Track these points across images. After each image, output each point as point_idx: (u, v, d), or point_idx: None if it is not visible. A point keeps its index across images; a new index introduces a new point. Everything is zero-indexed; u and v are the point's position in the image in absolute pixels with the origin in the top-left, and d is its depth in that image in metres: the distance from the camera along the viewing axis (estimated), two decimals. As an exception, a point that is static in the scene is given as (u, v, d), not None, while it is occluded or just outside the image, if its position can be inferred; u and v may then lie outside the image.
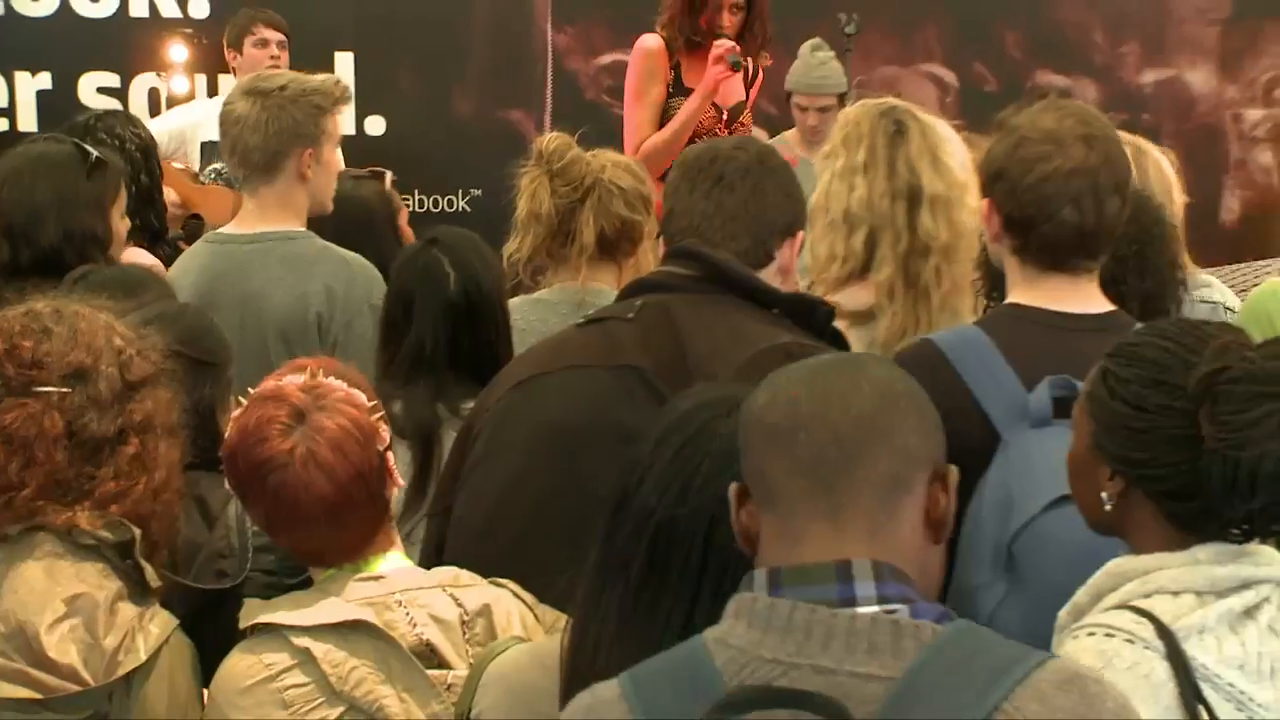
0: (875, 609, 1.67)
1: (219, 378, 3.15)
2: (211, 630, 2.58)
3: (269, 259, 3.98)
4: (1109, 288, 3.02)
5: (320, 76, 4.17)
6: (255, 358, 3.62)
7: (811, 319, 2.77)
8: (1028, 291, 2.89)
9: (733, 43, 5.58)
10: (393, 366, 3.45)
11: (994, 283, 3.13)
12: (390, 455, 2.59)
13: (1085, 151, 2.82)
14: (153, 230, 4.69)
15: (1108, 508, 2.23)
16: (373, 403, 2.59)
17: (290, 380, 2.56)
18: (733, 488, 1.80)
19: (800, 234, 2.91)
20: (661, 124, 5.66)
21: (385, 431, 2.58)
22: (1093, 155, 2.82)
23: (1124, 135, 3.83)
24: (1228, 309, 3.68)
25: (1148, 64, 7.47)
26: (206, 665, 2.52)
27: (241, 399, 2.60)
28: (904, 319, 3.34)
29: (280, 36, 6.54)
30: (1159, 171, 3.84)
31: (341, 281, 3.93)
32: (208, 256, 4.09)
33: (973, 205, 3.30)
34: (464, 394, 3.32)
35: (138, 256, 4.25)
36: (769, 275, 2.83)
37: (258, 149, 3.98)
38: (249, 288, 3.95)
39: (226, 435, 2.57)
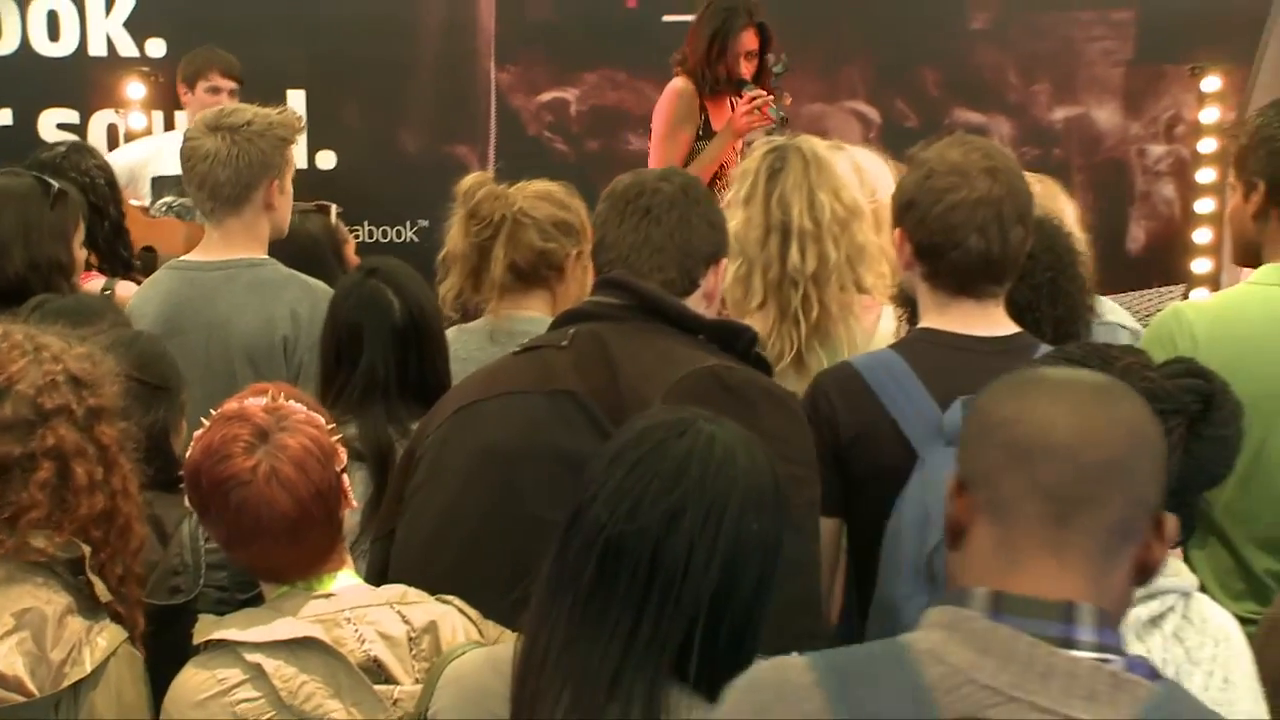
0: (1094, 655, 1.64)
1: (172, 402, 3.15)
2: (166, 644, 2.57)
3: (235, 285, 3.96)
4: (1024, 314, 3.05)
5: (278, 110, 4.15)
6: (222, 380, 3.65)
7: (735, 344, 2.77)
8: (939, 316, 2.91)
9: (767, 94, 5.69)
10: (345, 392, 3.41)
11: (913, 308, 3.15)
12: (345, 477, 2.58)
13: (990, 183, 2.85)
14: (123, 261, 4.67)
15: None
16: (331, 425, 2.59)
17: (252, 402, 2.54)
18: (950, 477, 1.79)
19: (723, 261, 2.91)
20: (684, 164, 5.71)
21: (342, 453, 2.58)
22: (997, 187, 2.85)
23: (1029, 175, 3.88)
24: (1123, 328, 3.72)
25: (1058, 102, 7.51)
26: (161, 678, 2.50)
27: (204, 420, 2.58)
28: (781, 345, 3.41)
29: (232, 85, 6.55)
30: (1072, 216, 3.88)
31: (307, 306, 3.90)
32: (173, 283, 4.05)
33: (857, 235, 3.35)
34: (411, 417, 3.30)
35: (92, 285, 4.24)
36: (695, 301, 2.83)
37: (229, 182, 3.97)
38: (215, 313, 3.93)
39: (189, 453, 2.54)
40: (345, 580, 2.54)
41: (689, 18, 7.37)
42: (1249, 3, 7.33)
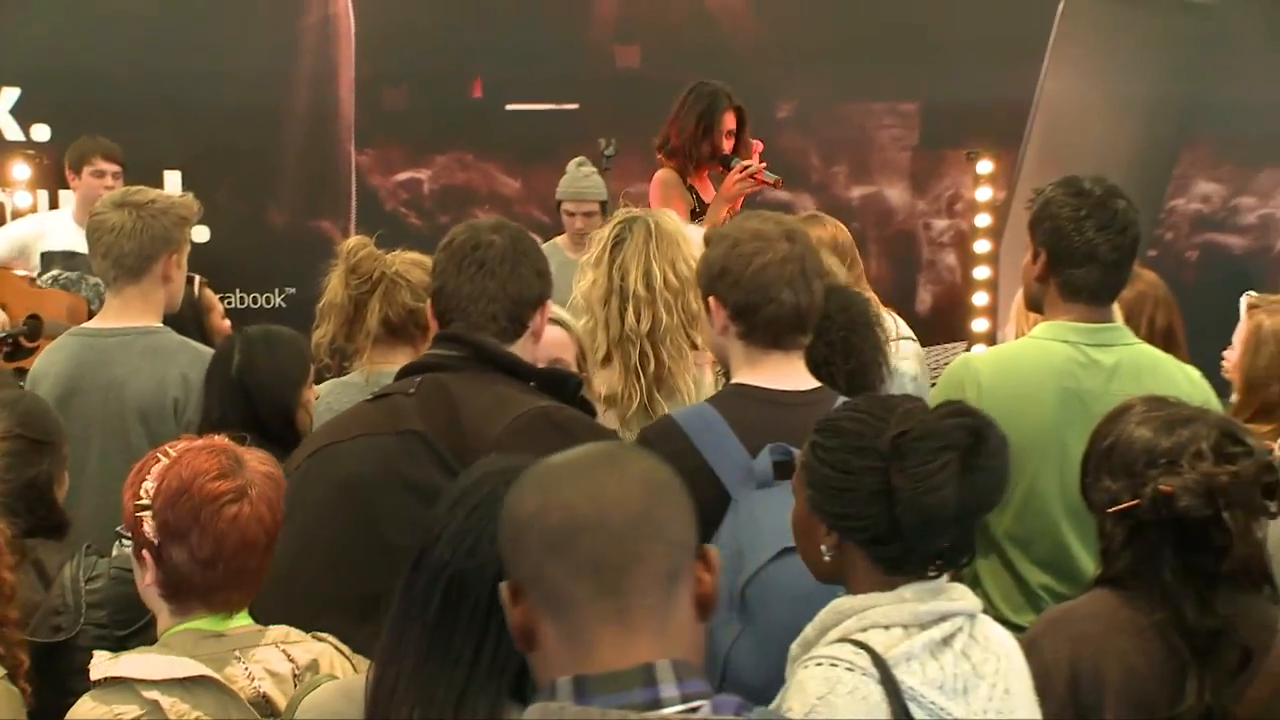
0: (680, 708, 1.57)
1: (55, 456, 3.09)
2: (48, 679, 2.52)
3: (131, 351, 3.94)
4: (821, 368, 3.08)
5: (179, 194, 4.20)
6: (117, 436, 3.74)
7: (563, 389, 2.81)
8: (750, 372, 2.92)
9: (757, 164, 5.69)
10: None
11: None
12: None
13: (789, 245, 2.90)
14: None
15: (827, 558, 2.23)
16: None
17: (203, 440, 2.51)
18: (504, 587, 1.66)
19: (549, 302, 2.93)
20: None
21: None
22: (796, 247, 2.91)
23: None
24: (902, 374, 3.79)
25: (854, 182, 7.64)
26: (43, 711, 2.44)
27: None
28: (630, 394, 3.46)
29: (115, 167, 6.44)
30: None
31: (196, 371, 3.86)
32: (74, 348, 4.02)
33: (692, 302, 3.42)
34: None
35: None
36: (525, 340, 2.86)
37: (132, 253, 3.94)
38: (112, 375, 3.90)
39: (161, 483, 2.43)
40: (240, 620, 2.48)
41: (530, 106, 7.46)
42: (1015, 95, 7.52)
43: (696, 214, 5.80)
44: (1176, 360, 3.43)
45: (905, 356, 3.95)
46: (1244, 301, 3.83)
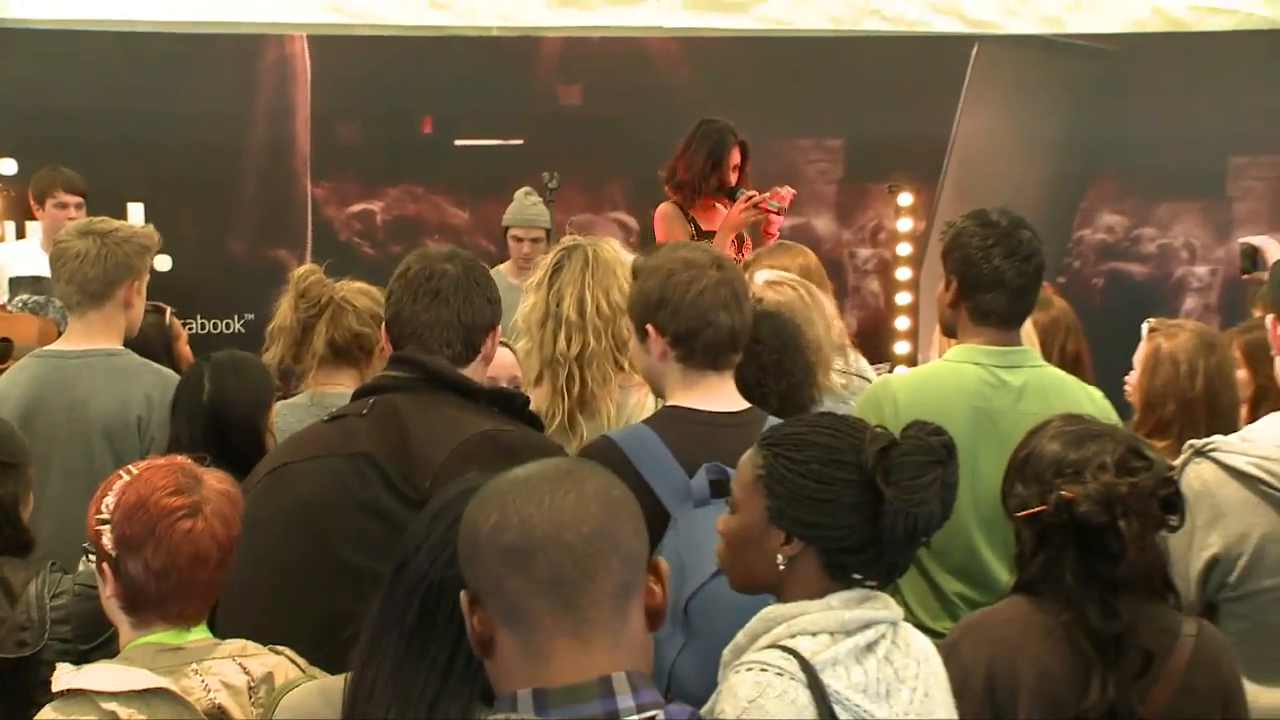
0: (636, 718, 1.57)
1: (19, 477, 3.05)
2: (14, 691, 2.53)
3: (94, 371, 3.91)
4: (754, 389, 3.09)
5: (141, 224, 4.21)
6: (80, 455, 3.72)
7: (511, 406, 2.79)
8: (685, 394, 2.93)
9: (759, 194, 5.85)
10: None
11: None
12: None
13: (720, 271, 2.92)
14: None
15: (782, 567, 2.22)
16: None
17: (165, 459, 2.51)
18: (463, 596, 1.66)
19: (498, 328, 2.91)
20: None
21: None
22: (725, 273, 2.93)
23: (796, 279, 3.97)
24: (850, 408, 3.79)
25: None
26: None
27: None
28: (555, 411, 3.46)
29: (78, 199, 6.42)
30: (825, 309, 3.96)
31: (159, 391, 3.85)
32: (38, 369, 3.97)
33: (623, 329, 3.40)
34: (238, 479, 3.25)
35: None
36: (478, 364, 2.84)
37: (96, 279, 3.92)
38: (75, 395, 3.87)
39: (120, 498, 2.42)
40: (199, 634, 2.47)
41: (477, 141, 7.46)
42: (933, 133, 7.58)
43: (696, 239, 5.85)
44: (1080, 381, 3.46)
45: (854, 393, 3.97)
46: (1145, 326, 3.88)
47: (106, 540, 2.40)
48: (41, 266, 5.59)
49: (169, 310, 4.80)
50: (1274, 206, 6.12)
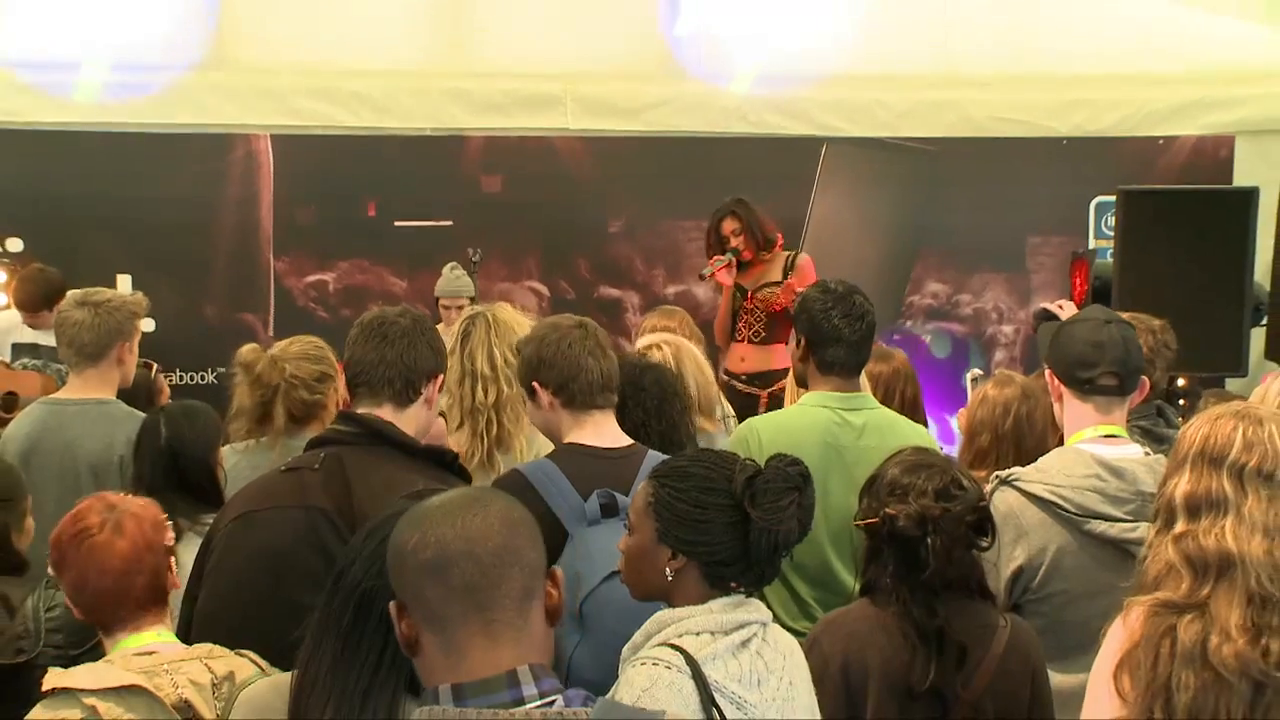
0: (539, 703, 1.57)
1: (13, 510, 3.00)
2: (14, 693, 2.48)
3: (86, 417, 3.91)
4: (639, 429, 3.12)
5: (130, 293, 4.17)
6: (71, 487, 3.66)
7: (443, 460, 2.71)
8: (578, 433, 2.95)
9: (723, 256, 6.09)
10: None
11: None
12: (173, 559, 2.50)
13: (582, 329, 2.96)
14: None
15: (670, 578, 2.23)
16: (163, 515, 2.54)
17: (107, 495, 2.51)
18: (392, 605, 1.65)
19: (440, 376, 2.81)
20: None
21: (171, 536, 2.51)
22: (588, 329, 2.97)
23: (670, 338, 3.98)
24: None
25: (670, 281, 7.68)
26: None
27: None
28: (475, 451, 3.42)
29: None
30: (696, 361, 3.98)
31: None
32: (40, 414, 3.99)
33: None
34: (196, 510, 3.26)
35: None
36: (418, 406, 2.73)
37: (91, 343, 3.91)
38: (69, 436, 3.87)
39: (58, 527, 2.46)
40: (164, 639, 2.44)
41: (413, 223, 7.46)
42: (792, 215, 7.54)
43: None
44: (909, 420, 3.52)
45: (727, 432, 4.02)
46: (968, 376, 3.94)
47: (51, 570, 2.46)
48: (38, 336, 5.57)
49: (155, 366, 4.74)
50: (1063, 277, 6.27)
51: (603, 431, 2.93)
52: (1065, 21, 6.79)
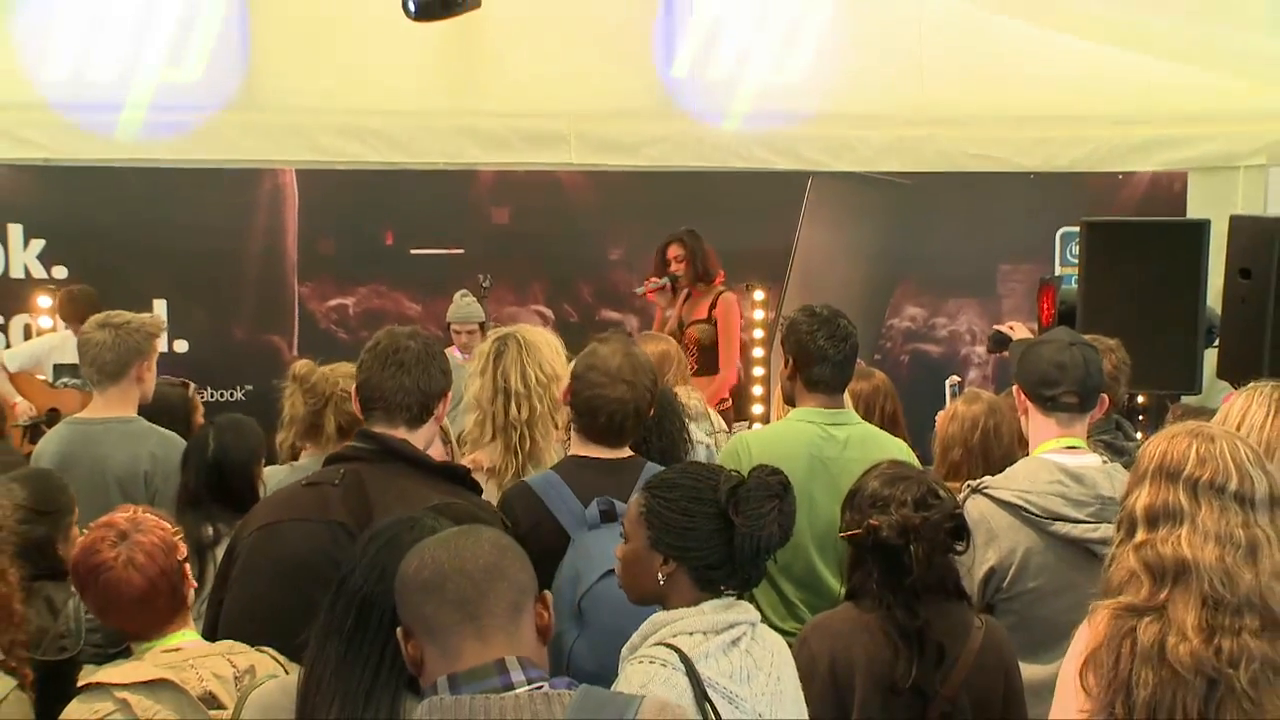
0: (527, 688, 1.61)
1: (58, 522, 3.01)
2: (57, 688, 2.46)
3: (111, 435, 3.91)
4: (640, 444, 3.12)
5: (147, 315, 4.15)
6: (100, 500, 3.60)
7: (457, 475, 2.70)
8: (584, 449, 2.95)
9: (659, 280, 6.32)
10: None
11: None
12: (188, 566, 2.49)
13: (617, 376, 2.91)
14: None
15: (662, 583, 2.23)
16: (175, 529, 2.50)
17: (118, 514, 2.46)
18: (399, 631, 1.71)
19: (449, 394, 2.80)
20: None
21: (183, 547, 2.48)
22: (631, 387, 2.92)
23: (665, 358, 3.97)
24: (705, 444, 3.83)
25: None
26: (54, 714, 2.36)
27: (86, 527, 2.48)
28: (509, 465, 3.37)
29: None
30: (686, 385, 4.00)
31: (162, 450, 3.86)
32: (68, 433, 4.00)
33: (555, 393, 3.36)
34: (235, 518, 3.17)
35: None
36: (429, 425, 2.73)
37: (112, 362, 3.92)
38: (97, 452, 3.86)
39: (75, 551, 2.45)
40: (189, 638, 2.44)
41: (428, 251, 7.48)
42: (779, 243, 7.67)
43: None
44: (889, 435, 3.53)
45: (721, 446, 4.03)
46: (948, 383, 3.94)
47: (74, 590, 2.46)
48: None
49: (191, 385, 4.74)
50: (1031, 301, 6.28)
51: (605, 447, 2.94)
52: (1033, 68, 6.82)
